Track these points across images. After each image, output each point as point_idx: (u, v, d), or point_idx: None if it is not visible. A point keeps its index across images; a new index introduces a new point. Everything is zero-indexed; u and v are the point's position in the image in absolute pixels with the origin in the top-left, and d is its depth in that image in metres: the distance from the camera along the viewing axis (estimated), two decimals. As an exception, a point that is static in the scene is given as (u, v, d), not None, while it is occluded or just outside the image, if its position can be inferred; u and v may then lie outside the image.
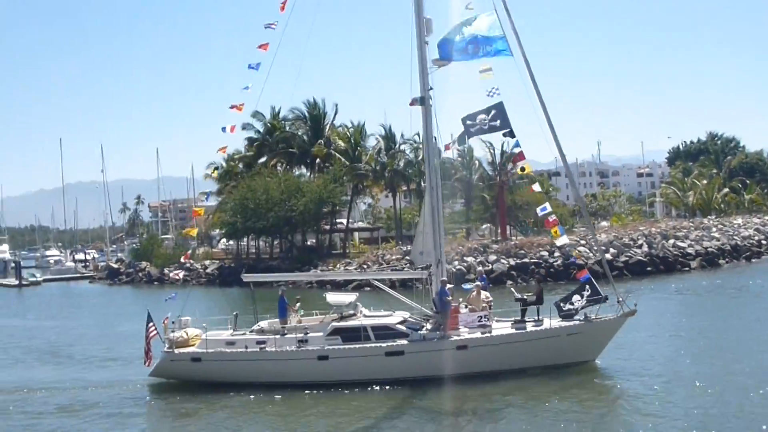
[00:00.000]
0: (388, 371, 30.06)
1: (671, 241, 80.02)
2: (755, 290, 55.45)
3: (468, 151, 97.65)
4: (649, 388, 27.72)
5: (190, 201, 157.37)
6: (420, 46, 33.31)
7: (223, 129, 38.01)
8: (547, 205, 34.72)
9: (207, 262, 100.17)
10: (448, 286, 32.22)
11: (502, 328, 31.56)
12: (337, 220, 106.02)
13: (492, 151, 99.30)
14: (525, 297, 33.02)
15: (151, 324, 32.32)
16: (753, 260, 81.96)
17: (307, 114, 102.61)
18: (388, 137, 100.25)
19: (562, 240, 34.31)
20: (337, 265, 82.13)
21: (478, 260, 72.09)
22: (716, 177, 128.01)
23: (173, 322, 32.99)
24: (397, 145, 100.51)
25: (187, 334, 32.78)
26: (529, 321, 32.02)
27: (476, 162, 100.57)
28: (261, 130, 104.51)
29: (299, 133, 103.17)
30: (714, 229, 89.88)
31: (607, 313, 31.54)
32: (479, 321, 31.19)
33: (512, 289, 40.75)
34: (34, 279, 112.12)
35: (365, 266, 77.91)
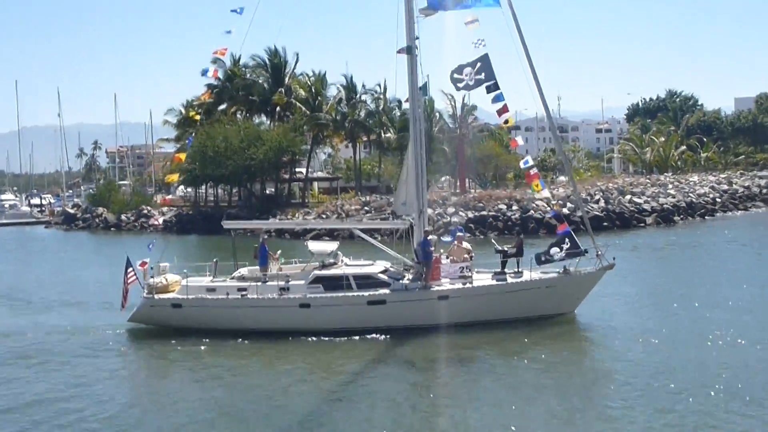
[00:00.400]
0: (370, 320, 30.08)
1: (628, 197, 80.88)
2: (710, 247, 56.46)
3: (429, 103, 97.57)
4: (622, 340, 28.11)
5: (147, 147, 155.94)
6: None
7: (204, 72, 37.53)
8: (528, 158, 35.31)
9: (165, 209, 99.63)
10: (430, 237, 32.33)
11: (482, 279, 31.74)
12: (297, 170, 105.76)
13: (453, 103, 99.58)
14: (506, 249, 33.11)
15: (130, 269, 32.02)
16: (707, 218, 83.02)
17: (268, 62, 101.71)
18: (350, 87, 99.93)
19: (544, 193, 34.78)
20: (296, 215, 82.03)
21: (436, 212, 72.30)
22: (674, 134, 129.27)
23: (152, 268, 32.59)
24: (358, 95, 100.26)
25: (166, 280, 32.49)
26: (509, 273, 32.22)
27: (437, 114, 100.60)
28: (221, 77, 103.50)
29: (260, 81, 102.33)
30: (670, 186, 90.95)
31: (586, 266, 31.86)
32: (461, 272, 31.39)
33: (493, 240, 40.90)
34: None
35: (323, 216, 77.89)
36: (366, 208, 77.53)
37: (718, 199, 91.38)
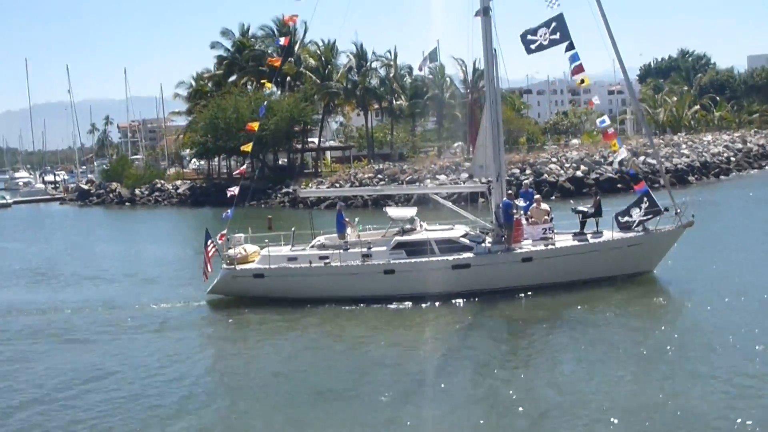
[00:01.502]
0: (455, 284, 30.08)
1: (641, 158, 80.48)
2: (738, 204, 56.28)
3: (439, 68, 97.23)
4: (704, 298, 28.19)
5: (159, 121, 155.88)
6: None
7: (277, 42, 37.51)
8: (605, 117, 34.93)
9: (178, 183, 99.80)
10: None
11: (564, 240, 31.83)
12: (309, 139, 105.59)
13: (464, 68, 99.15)
14: (585, 209, 33.22)
15: (210, 241, 32.06)
16: (721, 177, 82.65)
17: (276, 31, 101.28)
18: (360, 55, 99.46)
19: (622, 153, 34.72)
20: (309, 185, 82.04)
21: (450, 178, 72.22)
22: (687, 94, 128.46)
23: (228, 239, 32.73)
24: (369, 63, 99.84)
25: (245, 250, 32.60)
26: (589, 233, 32.38)
27: (448, 80, 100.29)
28: (230, 49, 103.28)
29: (269, 51, 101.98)
30: (684, 146, 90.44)
31: (665, 224, 31.97)
32: (543, 233, 31.55)
33: (572, 201, 40.67)
34: (4, 201, 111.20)
35: (337, 185, 77.86)
36: (379, 175, 77.45)
37: (733, 158, 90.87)
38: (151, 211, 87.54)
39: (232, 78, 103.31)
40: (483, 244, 31.25)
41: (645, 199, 31.61)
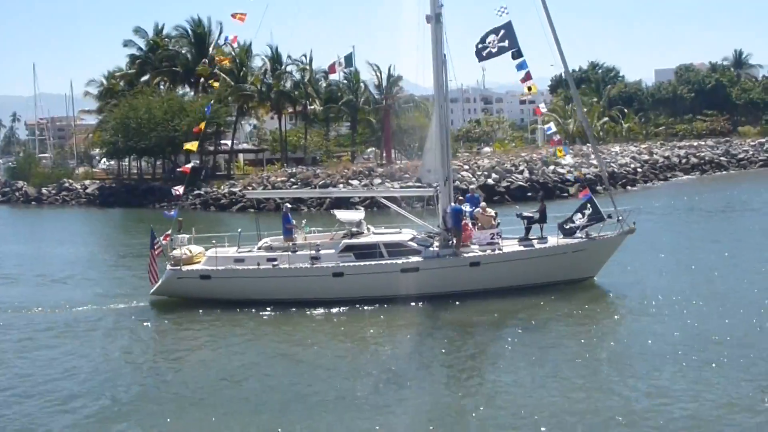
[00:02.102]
0: (403, 288, 30.04)
1: (551, 167, 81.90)
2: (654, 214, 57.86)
3: (354, 74, 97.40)
4: (644, 303, 29.06)
5: (68, 119, 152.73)
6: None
7: (225, 39, 36.91)
8: (551, 124, 35.63)
9: (87, 182, 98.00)
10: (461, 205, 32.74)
11: (510, 245, 32.08)
12: (222, 142, 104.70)
13: (378, 74, 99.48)
14: (530, 215, 33.56)
15: (156, 241, 31.48)
16: (628, 188, 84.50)
17: (190, 32, 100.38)
18: (275, 58, 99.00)
19: (567, 159, 35.23)
20: (221, 187, 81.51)
21: (362, 183, 72.47)
22: (596, 105, 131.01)
23: (172, 239, 32.02)
24: (284, 66, 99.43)
25: (190, 251, 32.06)
26: (534, 239, 32.69)
27: (362, 85, 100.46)
28: (143, 48, 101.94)
29: (183, 52, 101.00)
30: (592, 156, 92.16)
31: (607, 231, 32.57)
32: (491, 238, 31.82)
33: (517, 207, 40.95)
34: None
35: (250, 188, 77.43)
36: (292, 179, 77.23)
37: (639, 169, 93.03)
38: (59, 211, 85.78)
39: (145, 77, 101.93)
40: (431, 248, 31.45)
41: (588, 205, 32.25)
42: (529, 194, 71.45)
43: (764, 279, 32.50)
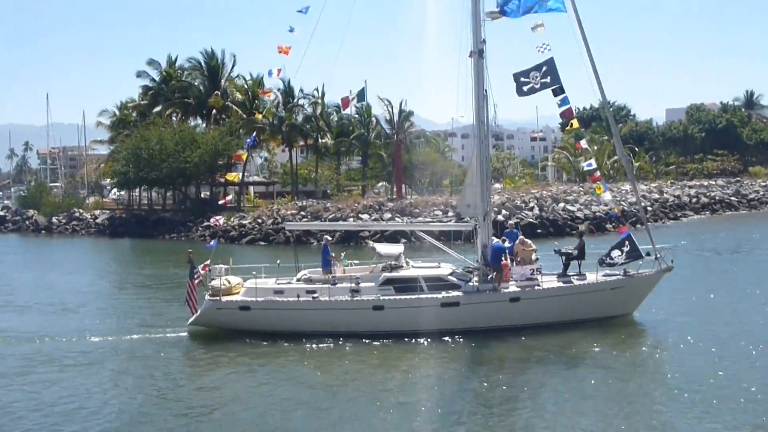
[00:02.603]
0: (443, 322, 30.03)
1: (561, 204, 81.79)
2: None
3: (366, 108, 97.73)
4: (679, 343, 28.92)
5: (80, 149, 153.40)
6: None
7: (269, 73, 37.00)
8: (592, 161, 35.80)
9: (97, 212, 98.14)
10: (501, 241, 32.81)
11: (549, 281, 31.98)
12: (233, 174, 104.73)
13: (390, 109, 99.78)
14: (569, 251, 33.58)
15: (196, 271, 31.42)
16: (638, 226, 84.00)
17: (203, 64, 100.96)
18: (287, 91, 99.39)
19: (606, 196, 35.43)
20: (231, 219, 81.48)
21: (373, 218, 72.40)
22: (607, 144, 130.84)
23: (210, 270, 31.97)
24: (296, 99, 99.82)
25: (229, 282, 31.90)
26: (572, 275, 32.69)
27: (374, 119, 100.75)
28: (156, 79, 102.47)
29: (195, 83, 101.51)
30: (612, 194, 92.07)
31: (645, 268, 32.60)
32: (531, 274, 31.81)
33: (555, 243, 40.93)
34: None
35: (259, 220, 77.44)
36: (302, 213, 77.16)
37: (649, 208, 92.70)
38: (68, 241, 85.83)
39: (157, 108, 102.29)
40: (470, 283, 31.37)
41: (627, 242, 32.23)
42: (539, 231, 71.21)
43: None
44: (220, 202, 46.09)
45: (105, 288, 47.67)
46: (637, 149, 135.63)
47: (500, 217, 72.44)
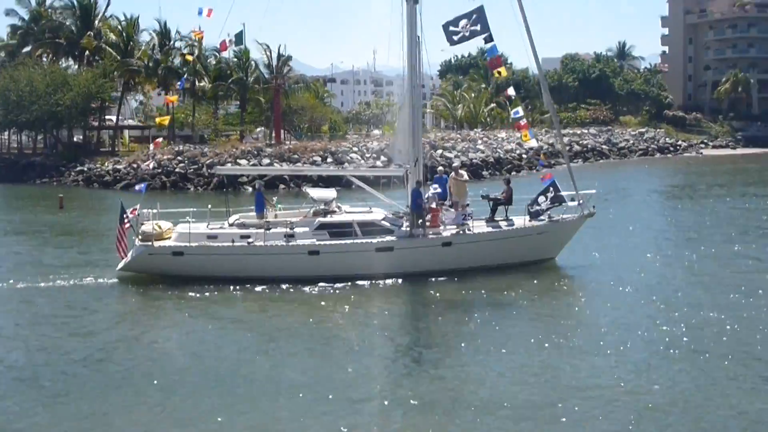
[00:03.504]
0: (377, 267, 30.17)
1: (439, 151, 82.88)
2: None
3: (244, 52, 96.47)
4: (603, 281, 30.51)
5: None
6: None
7: (200, 12, 35.66)
8: (519, 109, 36.02)
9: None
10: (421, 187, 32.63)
11: (479, 226, 32.34)
12: (107, 117, 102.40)
13: (269, 53, 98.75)
14: (497, 196, 33.90)
15: (125, 215, 30.32)
16: (513, 173, 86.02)
17: (76, 3, 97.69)
18: (163, 33, 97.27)
19: (532, 143, 36.42)
20: (106, 163, 79.82)
21: (251, 163, 72.00)
22: (484, 91, 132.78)
23: (139, 215, 30.97)
24: (172, 42, 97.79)
25: (160, 227, 31.06)
26: (500, 220, 33.12)
27: (253, 64, 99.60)
28: (26, 18, 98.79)
29: (67, 23, 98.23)
30: (480, 142, 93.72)
31: (567, 213, 33.46)
32: (463, 219, 32.04)
33: (484, 188, 41.07)
34: None
35: (134, 165, 76.03)
36: (179, 157, 76.06)
37: (525, 156, 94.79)
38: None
39: (27, 49, 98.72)
40: (403, 228, 31.59)
41: (551, 188, 32.99)
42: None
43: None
44: (151, 147, 44.15)
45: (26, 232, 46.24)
46: (513, 97, 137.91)
47: (379, 163, 73.08)
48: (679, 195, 64.75)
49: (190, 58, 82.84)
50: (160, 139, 39.37)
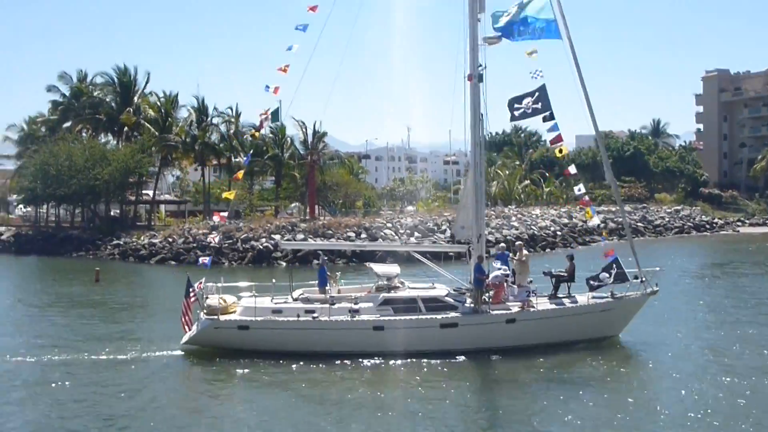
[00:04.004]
0: (441, 343, 30.24)
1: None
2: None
3: (280, 129, 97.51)
4: (668, 364, 29.83)
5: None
6: (473, 23, 33.30)
7: (266, 88, 36.23)
8: (581, 185, 36.27)
9: (2, 229, 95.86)
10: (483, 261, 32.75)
11: (542, 303, 32.33)
12: (144, 191, 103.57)
13: (304, 130, 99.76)
14: (561, 272, 34.02)
15: (191, 290, 30.73)
16: (547, 250, 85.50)
17: (116, 80, 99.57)
18: (201, 109, 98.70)
19: (594, 220, 36.45)
20: (141, 237, 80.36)
21: (285, 238, 72.22)
22: (518, 168, 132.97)
23: (204, 288, 31.34)
24: (210, 118, 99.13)
25: (224, 300, 31.25)
26: (563, 296, 33.16)
27: (288, 140, 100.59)
28: (67, 94, 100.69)
29: (107, 99, 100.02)
30: (514, 219, 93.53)
31: (630, 291, 33.19)
32: (526, 296, 32.08)
33: (546, 265, 41.14)
34: None
35: (170, 239, 76.54)
36: (214, 232, 76.43)
37: (559, 233, 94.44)
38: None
39: (67, 124, 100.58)
40: (466, 304, 31.52)
41: (614, 265, 32.95)
42: (450, 254, 71.60)
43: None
44: (216, 218, 44.19)
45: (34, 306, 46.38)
46: (547, 174, 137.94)
47: (413, 240, 73.03)
48: (728, 272, 63.98)
49: (257, 135, 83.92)
50: (224, 213, 39.63)
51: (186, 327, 31.08)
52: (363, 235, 74.37)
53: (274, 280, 33.15)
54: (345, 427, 22.20)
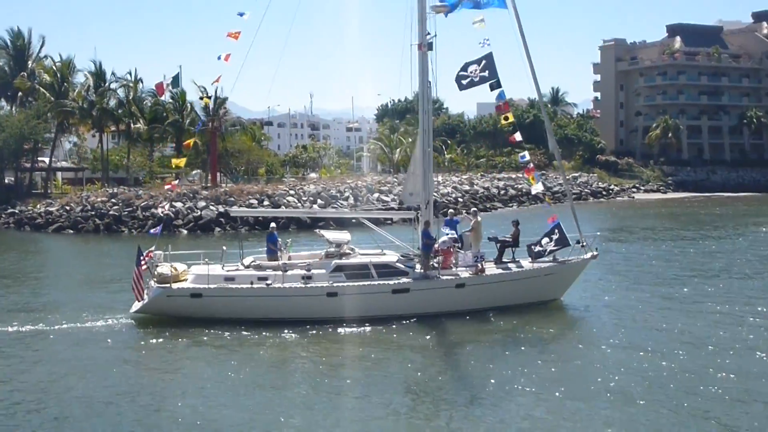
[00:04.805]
0: (393, 308, 30.73)
1: (376, 194, 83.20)
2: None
3: (180, 94, 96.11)
4: (609, 324, 30.96)
5: None
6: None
7: (219, 57, 35.45)
8: (526, 153, 36.35)
9: None
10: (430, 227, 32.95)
11: (489, 268, 32.89)
12: (39, 159, 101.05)
13: (205, 95, 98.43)
14: (506, 239, 34.50)
15: (142, 258, 30.27)
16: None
17: (9, 43, 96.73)
18: (98, 74, 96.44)
19: (538, 187, 36.80)
20: (38, 206, 78.55)
21: (186, 206, 71.56)
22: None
23: (154, 256, 30.88)
24: (108, 83, 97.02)
25: (175, 269, 30.90)
26: (508, 262, 33.83)
27: (189, 106, 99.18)
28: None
29: (0, 64, 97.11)
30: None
31: (570, 256, 34.15)
32: (475, 261, 32.47)
33: (492, 231, 41.37)
34: None
35: (67, 207, 75.00)
36: (113, 200, 75.20)
37: (460, 199, 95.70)
38: None
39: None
40: (416, 270, 31.91)
41: (556, 231, 33.65)
42: (353, 220, 72.02)
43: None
44: (167, 187, 43.10)
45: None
46: (449, 141, 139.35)
47: (316, 207, 73.09)
48: (644, 237, 66.04)
49: (207, 101, 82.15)
50: (176, 181, 39.30)
51: (138, 296, 30.86)
52: (266, 202, 74.13)
53: (225, 248, 33.50)
54: (298, 392, 22.41)
